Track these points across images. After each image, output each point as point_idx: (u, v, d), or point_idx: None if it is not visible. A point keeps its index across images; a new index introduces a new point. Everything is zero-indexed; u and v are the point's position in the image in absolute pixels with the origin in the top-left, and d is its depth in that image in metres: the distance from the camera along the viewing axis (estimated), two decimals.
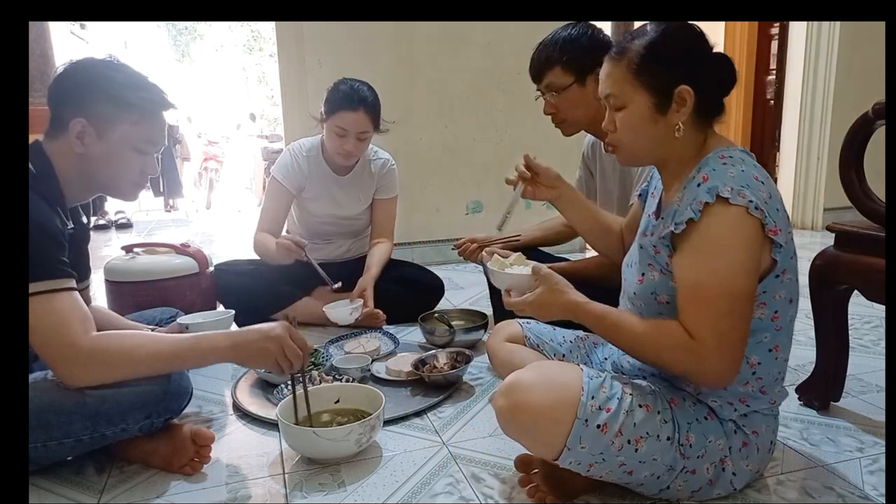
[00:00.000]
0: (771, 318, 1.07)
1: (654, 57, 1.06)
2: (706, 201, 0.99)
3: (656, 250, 1.10)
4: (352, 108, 2.05)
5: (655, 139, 1.10)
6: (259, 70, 15.43)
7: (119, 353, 1.18)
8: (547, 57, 1.64)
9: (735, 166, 1.03)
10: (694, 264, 1.01)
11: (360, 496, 1.20)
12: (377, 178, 2.34)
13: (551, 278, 1.16)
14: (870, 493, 1.18)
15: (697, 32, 1.10)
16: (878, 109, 1.35)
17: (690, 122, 1.08)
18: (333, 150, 2.16)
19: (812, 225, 4.02)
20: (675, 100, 1.06)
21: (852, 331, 1.67)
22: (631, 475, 1.05)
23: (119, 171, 1.33)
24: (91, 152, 1.28)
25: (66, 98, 1.28)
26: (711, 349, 0.98)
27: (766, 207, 0.99)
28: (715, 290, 0.98)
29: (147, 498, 1.21)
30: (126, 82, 1.31)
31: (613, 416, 1.02)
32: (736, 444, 1.09)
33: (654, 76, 1.06)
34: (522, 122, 3.32)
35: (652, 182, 1.29)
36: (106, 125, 1.28)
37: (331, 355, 1.86)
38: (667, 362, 1.05)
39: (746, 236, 0.98)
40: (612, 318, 1.10)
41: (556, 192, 1.41)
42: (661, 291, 1.10)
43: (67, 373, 1.15)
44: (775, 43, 4.72)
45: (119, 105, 1.29)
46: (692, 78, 1.05)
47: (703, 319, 0.99)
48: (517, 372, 1.09)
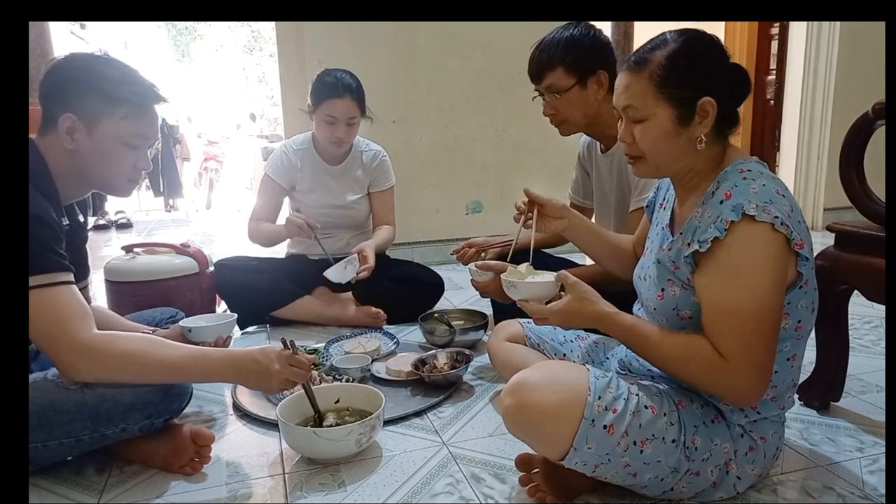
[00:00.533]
0: (794, 329, 1.06)
1: (677, 68, 1.04)
2: (732, 219, 0.98)
3: (676, 266, 1.08)
4: (338, 95, 2.13)
5: (677, 152, 1.08)
6: (259, 70, 15.44)
7: (121, 357, 1.18)
8: (548, 58, 1.63)
9: (756, 181, 1.02)
10: (721, 283, 1.00)
11: (360, 496, 1.20)
12: (370, 170, 2.37)
13: (580, 287, 1.14)
14: (870, 493, 1.18)
15: (716, 42, 1.08)
16: (878, 109, 1.35)
17: (711, 134, 1.07)
18: (325, 139, 2.22)
19: (812, 225, 4.02)
20: (697, 112, 1.04)
21: (852, 331, 1.67)
22: (635, 477, 1.05)
23: (110, 166, 1.32)
24: (81, 148, 1.27)
25: (54, 93, 1.27)
26: (743, 370, 0.98)
27: (790, 221, 0.98)
28: (744, 311, 0.97)
29: (147, 498, 1.21)
30: (115, 76, 1.29)
31: (620, 416, 1.01)
32: (742, 448, 1.09)
33: (679, 88, 1.04)
34: (522, 122, 3.32)
35: (659, 193, 1.28)
36: (95, 120, 1.27)
37: (331, 355, 1.86)
38: (696, 381, 1.04)
39: (774, 253, 0.97)
40: (641, 330, 1.09)
41: (563, 222, 1.39)
42: (684, 307, 1.08)
43: (69, 366, 1.15)
44: (775, 43, 4.71)
45: (108, 99, 1.27)
46: (714, 89, 1.04)
47: (734, 340, 0.98)
48: (523, 371, 1.08)
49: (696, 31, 1.10)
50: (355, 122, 2.20)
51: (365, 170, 2.36)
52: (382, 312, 2.20)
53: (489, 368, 1.76)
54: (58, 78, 1.27)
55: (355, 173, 2.35)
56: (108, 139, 1.29)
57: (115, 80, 1.29)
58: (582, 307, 1.13)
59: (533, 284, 1.20)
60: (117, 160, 1.32)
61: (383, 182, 2.40)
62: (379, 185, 2.39)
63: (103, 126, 1.28)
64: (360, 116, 2.21)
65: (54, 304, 1.13)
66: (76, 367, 1.15)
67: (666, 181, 1.25)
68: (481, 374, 1.80)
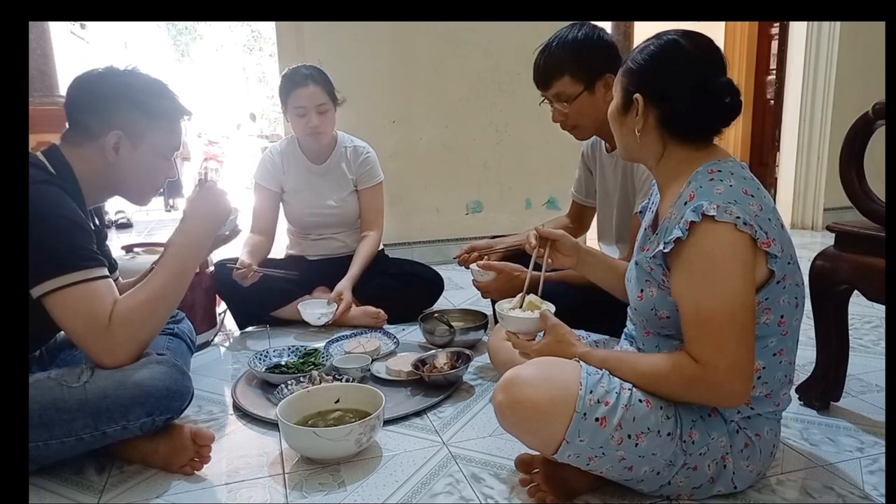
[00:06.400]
0: (777, 324, 1.07)
1: (629, 65, 1.14)
2: (692, 220, 1.00)
3: (650, 267, 1.11)
4: (302, 84, 2.16)
5: (622, 134, 1.18)
6: (259, 70, 15.44)
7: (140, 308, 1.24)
8: (554, 65, 1.60)
9: (723, 181, 1.03)
10: (689, 286, 1.02)
11: (360, 496, 1.20)
12: (355, 167, 2.35)
13: (559, 330, 1.21)
14: (870, 493, 1.18)
15: (691, 56, 1.08)
16: (878, 109, 1.35)
17: (657, 133, 1.11)
18: (301, 134, 2.23)
19: (812, 225, 4.02)
20: (633, 104, 1.12)
21: (852, 331, 1.67)
22: (631, 471, 1.06)
23: (148, 177, 1.39)
24: (123, 162, 1.33)
25: (94, 109, 1.30)
26: (722, 374, 0.98)
27: (755, 221, 0.99)
28: (716, 313, 0.98)
29: (147, 498, 1.21)
30: (153, 91, 1.36)
31: (612, 409, 1.02)
32: (738, 444, 1.09)
33: (624, 79, 1.15)
34: (522, 122, 3.31)
35: (651, 197, 1.30)
36: (140, 136, 1.34)
37: (331, 355, 1.85)
38: (680, 394, 1.05)
39: (737, 253, 0.98)
40: (614, 360, 1.11)
41: (574, 259, 1.40)
42: (661, 307, 1.11)
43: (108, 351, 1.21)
44: (775, 43, 4.72)
45: (149, 115, 1.34)
46: (654, 90, 1.09)
47: (708, 342, 0.99)
48: (516, 368, 1.10)
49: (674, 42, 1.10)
50: (326, 110, 2.19)
51: (350, 165, 2.35)
52: (382, 312, 2.20)
53: (489, 368, 1.76)
54: (97, 94, 1.31)
55: (340, 170, 2.34)
56: (150, 152, 1.36)
57: (153, 95, 1.36)
58: (560, 349, 1.19)
59: (520, 319, 1.26)
60: (154, 172, 1.39)
61: (370, 179, 2.37)
62: (366, 181, 2.36)
63: (146, 141, 1.35)
64: (330, 104, 2.20)
65: (93, 296, 1.19)
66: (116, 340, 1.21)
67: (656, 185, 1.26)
68: (481, 374, 1.80)
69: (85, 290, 1.18)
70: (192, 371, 1.64)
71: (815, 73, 3.90)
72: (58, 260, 1.17)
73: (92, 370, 1.21)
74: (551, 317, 1.23)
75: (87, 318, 1.18)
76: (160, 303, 1.28)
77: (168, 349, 1.47)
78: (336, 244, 2.39)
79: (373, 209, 2.39)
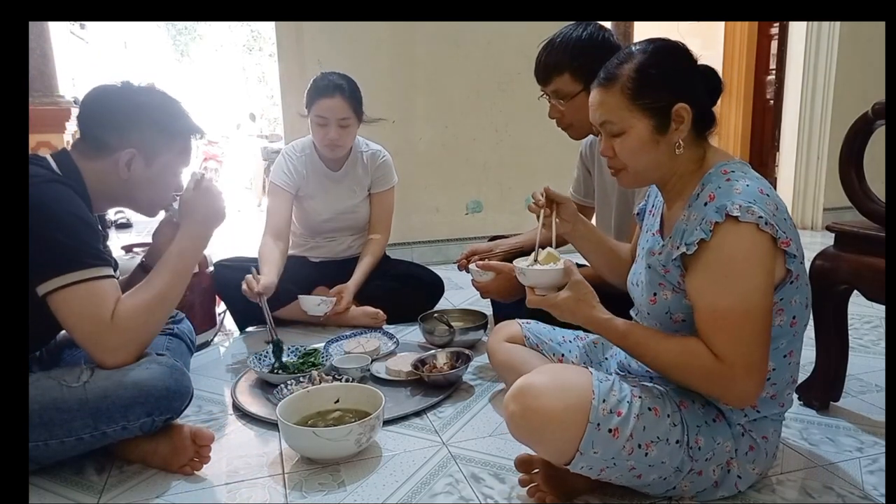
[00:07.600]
0: (790, 325, 1.07)
1: (647, 79, 1.06)
2: (716, 221, 0.99)
3: (666, 270, 1.09)
4: (328, 94, 2.10)
5: (657, 160, 1.10)
6: (259, 70, 15.42)
7: (142, 307, 1.25)
8: (556, 62, 1.60)
9: (739, 181, 1.03)
10: (710, 286, 1.01)
11: (359, 496, 1.20)
12: (371, 171, 2.34)
13: (581, 287, 1.14)
14: (870, 493, 1.18)
15: (682, 48, 1.10)
16: (878, 109, 1.35)
17: (689, 138, 1.09)
18: (319, 142, 2.19)
19: (812, 225, 4.02)
20: (673, 118, 1.06)
21: (852, 331, 1.67)
22: (640, 479, 1.06)
23: (157, 193, 1.41)
24: (135, 178, 1.34)
25: (110, 125, 1.31)
26: (739, 372, 0.98)
27: (775, 220, 0.98)
28: (735, 311, 0.98)
29: (147, 498, 1.21)
30: (169, 112, 1.37)
31: (624, 420, 1.01)
32: (743, 447, 1.09)
33: (652, 98, 1.06)
34: (522, 122, 3.31)
35: (649, 200, 1.29)
36: (155, 154, 1.36)
37: (331, 355, 1.85)
38: (694, 384, 1.05)
39: (760, 253, 0.98)
40: (636, 336, 1.09)
41: (570, 225, 1.39)
42: (676, 310, 1.10)
43: (110, 349, 1.22)
44: (775, 43, 4.72)
45: (165, 135, 1.36)
46: (686, 94, 1.06)
47: (727, 343, 0.99)
48: (527, 376, 1.08)
49: (660, 39, 1.11)
50: (349, 125, 2.14)
51: (366, 170, 2.34)
52: (382, 312, 2.19)
53: (489, 368, 1.76)
54: (112, 109, 1.32)
55: (357, 176, 2.33)
56: (162, 171, 1.38)
57: (170, 115, 1.37)
58: (577, 308, 1.14)
59: (541, 272, 1.18)
60: (164, 187, 1.41)
61: (385, 183, 2.37)
62: (380, 185, 2.36)
63: (159, 159, 1.36)
64: (354, 118, 2.15)
65: (99, 294, 1.20)
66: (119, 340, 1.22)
67: (654, 187, 1.26)
68: (481, 374, 1.80)
69: (91, 289, 1.19)
70: (192, 371, 1.65)
71: (814, 73, 3.90)
72: (67, 257, 1.18)
73: (92, 370, 1.21)
74: (576, 271, 1.16)
75: (91, 316, 1.19)
76: (161, 303, 1.29)
77: (168, 349, 1.47)
78: (341, 247, 2.39)
79: (383, 212, 2.39)
